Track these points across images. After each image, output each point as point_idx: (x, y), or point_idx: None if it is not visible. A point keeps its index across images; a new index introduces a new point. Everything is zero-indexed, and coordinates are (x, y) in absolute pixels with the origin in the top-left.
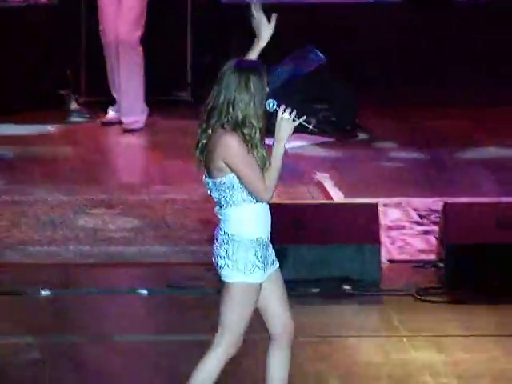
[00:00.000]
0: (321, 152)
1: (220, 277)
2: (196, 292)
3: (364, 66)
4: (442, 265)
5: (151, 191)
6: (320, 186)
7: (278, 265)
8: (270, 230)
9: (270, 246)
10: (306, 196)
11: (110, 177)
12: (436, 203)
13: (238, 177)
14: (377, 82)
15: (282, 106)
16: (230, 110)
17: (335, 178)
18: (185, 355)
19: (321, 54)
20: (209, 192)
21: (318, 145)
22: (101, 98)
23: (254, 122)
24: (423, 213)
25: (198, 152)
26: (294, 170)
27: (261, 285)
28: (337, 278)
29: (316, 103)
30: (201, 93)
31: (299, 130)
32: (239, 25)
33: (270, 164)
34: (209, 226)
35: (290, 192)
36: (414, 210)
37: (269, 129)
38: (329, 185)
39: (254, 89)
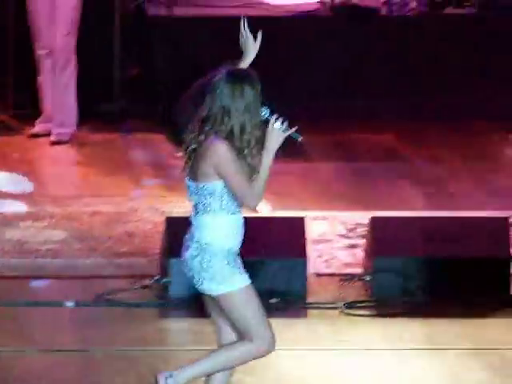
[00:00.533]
0: None
1: (201, 290)
2: (123, 304)
3: (289, 79)
4: (368, 278)
5: (78, 203)
6: None
7: None
8: (241, 241)
9: (239, 257)
10: None
11: (37, 189)
12: (363, 217)
13: (227, 183)
14: (305, 92)
15: (275, 116)
16: (226, 118)
17: None
18: (111, 368)
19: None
20: (188, 195)
21: None
22: (28, 110)
23: (250, 130)
24: (350, 226)
25: (186, 157)
26: None
27: (251, 284)
28: (264, 292)
29: None
30: (128, 105)
31: (288, 141)
32: (165, 37)
33: (258, 173)
34: (135, 238)
35: None
36: (341, 223)
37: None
38: None
39: (249, 97)
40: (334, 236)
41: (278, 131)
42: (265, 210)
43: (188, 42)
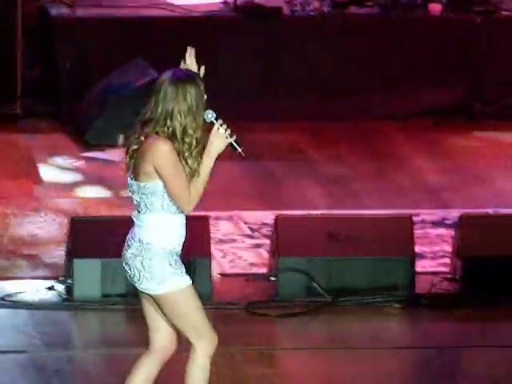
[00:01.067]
0: None
1: (141, 290)
2: (26, 306)
3: None
4: (273, 278)
5: None
6: None
7: None
8: (183, 242)
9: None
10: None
11: None
12: (268, 216)
13: (165, 184)
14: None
15: (220, 121)
16: (168, 121)
17: None
18: (19, 371)
19: (151, 69)
20: (130, 194)
21: None
22: None
23: (192, 133)
24: (254, 226)
25: (127, 158)
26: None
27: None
28: None
29: None
30: (30, 106)
31: (228, 149)
32: (68, 37)
33: (198, 176)
34: (39, 239)
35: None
36: (246, 223)
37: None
38: None
39: (192, 99)
40: (239, 236)
41: (221, 136)
42: None
43: (90, 42)
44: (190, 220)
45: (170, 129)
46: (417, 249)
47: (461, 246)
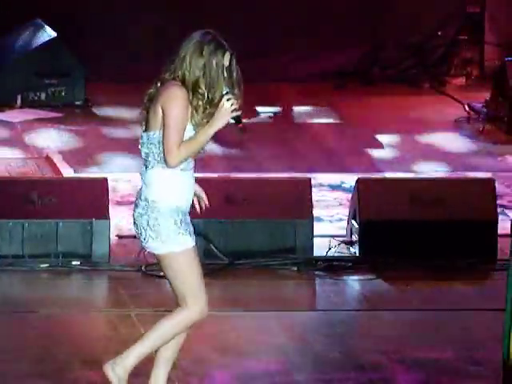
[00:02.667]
0: (50, 127)
1: (147, 249)
2: None
3: (96, 42)
4: None
5: None
6: (49, 161)
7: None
8: (191, 200)
9: (189, 217)
10: (36, 171)
11: None
12: None
13: (163, 129)
14: (109, 58)
15: (229, 95)
16: (182, 68)
17: (65, 153)
18: None
19: (50, 29)
20: (140, 147)
21: (48, 120)
22: None
23: (204, 89)
24: None
25: (145, 99)
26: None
27: (195, 246)
28: (66, 254)
29: (46, 78)
30: None
31: (231, 122)
32: None
33: (194, 138)
34: None
35: (19, 167)
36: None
37: None
38: (58, 160)
39: (209, 57)
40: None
41: (227, 109)
42: (68, 171)
43: None
44: (88, 182)
45: (181, 76)
46: (314, 212)
47: (357, 209)
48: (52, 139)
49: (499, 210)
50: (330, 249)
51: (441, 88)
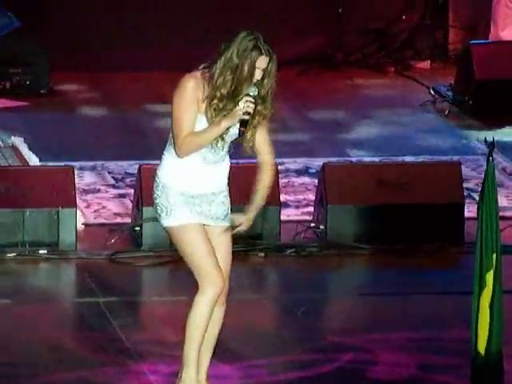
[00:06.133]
0: (15, 116)
1: (160, 223)
2: None
3: (58, 30)
4: (138, 228)
5: None
6: (15, 150)
7: (226, 224)
8: (206, 189)
9: (216, 201)
10: (1, 161)
11: None
12: (131, 166)
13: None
14: (73, 46)
15: (249, 97)
16: (217, 69)
17: (30, 142)
18: None
19: (14, 17)
20: None
21: (12, 109)
22: None
23: (225, 90)
24: (118, 176)
25: None
26: None
27: (203, 225)
28: (33, 243)
29: (10, 67)
30: None
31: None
32: None
33: (203, 130)
34: None
35: None
36: (109, 173)
37: None
38: (24, 149)
39: (233, 56)
40: (103, 186)
41: (240, 110)
42: (33, 160)
43: None
44: (54, 171)
45: (214, 70)
46: (281, 197)
47: (324, 194)
48: (17, 128)
49: (466, 193)
50: (296, 234)
51: (405, 72)
